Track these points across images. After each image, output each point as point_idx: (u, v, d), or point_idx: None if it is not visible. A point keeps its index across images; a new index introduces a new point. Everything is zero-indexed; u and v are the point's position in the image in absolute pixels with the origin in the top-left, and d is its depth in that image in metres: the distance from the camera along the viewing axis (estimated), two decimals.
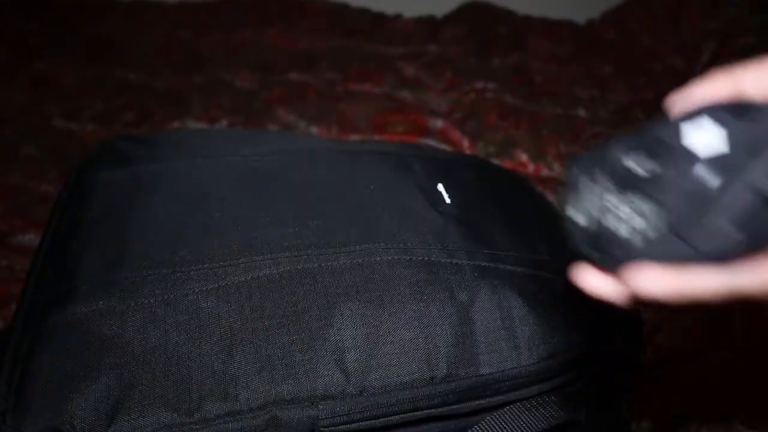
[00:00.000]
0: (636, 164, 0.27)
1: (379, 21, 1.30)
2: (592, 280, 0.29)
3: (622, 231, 0.27)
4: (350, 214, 0.45)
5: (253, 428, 0.35)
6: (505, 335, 0.41)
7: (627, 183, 0.27)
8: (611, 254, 0.28)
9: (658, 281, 0.26)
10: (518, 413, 0.41)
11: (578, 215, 0.29)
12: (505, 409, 0.41)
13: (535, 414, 0.41)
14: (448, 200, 0.49)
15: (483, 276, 0.42)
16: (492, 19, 1.31)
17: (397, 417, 0.37)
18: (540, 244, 0.48)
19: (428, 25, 1.29)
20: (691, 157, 0.25)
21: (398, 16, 1.33)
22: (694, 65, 1.17)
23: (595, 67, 1.16)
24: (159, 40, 1.23)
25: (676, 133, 0.26)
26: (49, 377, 0.35)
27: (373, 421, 0.37)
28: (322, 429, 0.36)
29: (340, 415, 0.36)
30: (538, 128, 0.97)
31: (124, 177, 0.48)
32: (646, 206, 0.26)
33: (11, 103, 1.04)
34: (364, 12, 1.34)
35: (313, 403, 0.36)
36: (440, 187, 0.50)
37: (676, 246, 0.26)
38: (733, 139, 0.25)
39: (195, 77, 1.11)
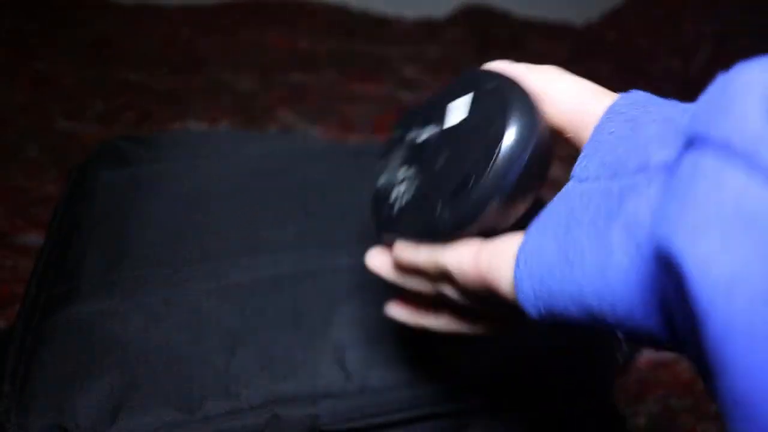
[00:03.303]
0: (414, 134, 0.26)
1: (379, 22, 1.31)
2: (374, 260, 0.29)
3: (392, 196, 0.26)
4: (350, 215, 0.46)
5: (254, 426, 0.35)
6: None
7: (409, 153, 0.26)
8: (380, 219, 0.27)
9: (401, 252, 0.26)
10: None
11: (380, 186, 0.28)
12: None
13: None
14: None
15: None
16: (491, 21, 1.32)
17: (397, 415, 0.38)
18: None
19: (428, 27, 1.30)
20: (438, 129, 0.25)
21: (398, 18, 1.34)
22: (691, 67, 1.18)
23: (594, 68, 1.17)
24: (159, 40, 1.23)
25: (444, 106, 0.25)
26: (52, 376, 0.36)
27: (373, 419, 0.37)
28: (322, 427, 0.36)
29: (340, 414, 0.37)
30: None
31: (125, 177, 0.48)
32: (409, 172, 0.26)
33: (11, 103, 1.04)
34: (364, 13, 1.34)
35: (313, 402, 0.36)
36: None
37: (416, 214, 0.25)
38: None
39: (195, 78, 1.12)
